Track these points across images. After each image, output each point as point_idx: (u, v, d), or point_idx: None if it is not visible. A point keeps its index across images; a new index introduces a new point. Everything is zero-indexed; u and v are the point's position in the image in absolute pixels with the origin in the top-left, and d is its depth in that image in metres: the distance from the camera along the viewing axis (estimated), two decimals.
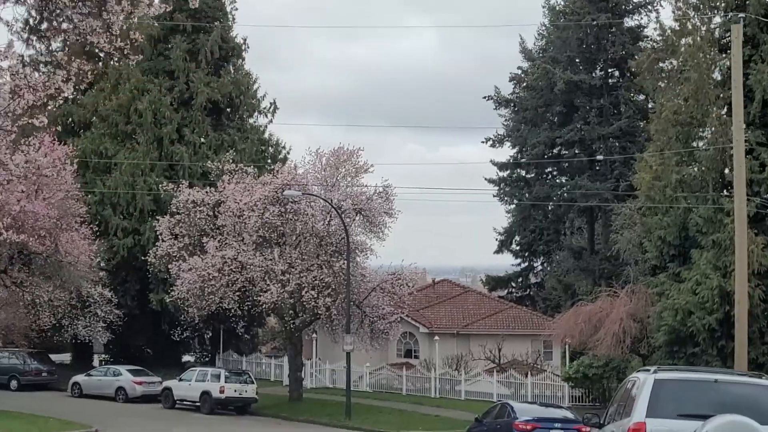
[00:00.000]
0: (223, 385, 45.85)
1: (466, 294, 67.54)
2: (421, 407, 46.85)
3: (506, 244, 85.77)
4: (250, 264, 44.49)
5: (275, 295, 43.38)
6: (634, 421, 13.98)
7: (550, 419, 26.28)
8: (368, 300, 47.14)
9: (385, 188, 47.19)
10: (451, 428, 40.38)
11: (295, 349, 48.01)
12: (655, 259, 41.50)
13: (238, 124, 62.24)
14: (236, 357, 61.69)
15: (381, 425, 41.01)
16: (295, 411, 45.70)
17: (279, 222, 44.66)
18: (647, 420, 13.95)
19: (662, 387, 14.39)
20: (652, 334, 40.91)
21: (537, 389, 48.13)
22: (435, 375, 52.90)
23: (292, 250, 45.24)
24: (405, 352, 61.72)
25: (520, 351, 55.44)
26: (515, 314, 63.29)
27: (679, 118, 39.43)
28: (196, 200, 47.09)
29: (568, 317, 45.03)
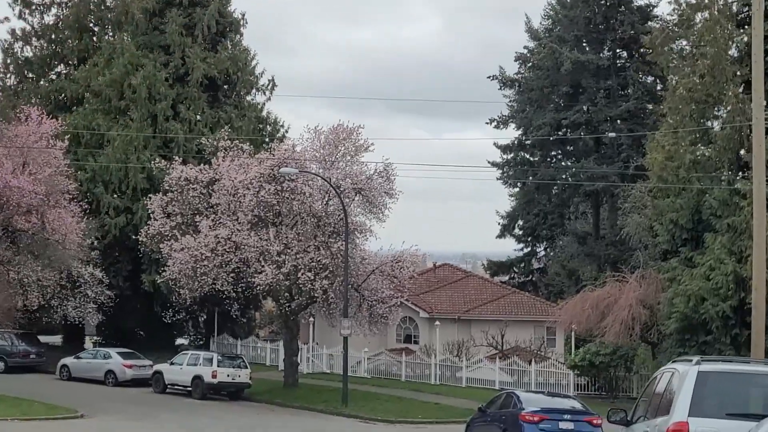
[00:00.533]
0: (215, 369, 44.22)
1: (468, 279, 65.91)
2: (421, 394, 45.25)
3: (509, 229, 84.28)
4: (244, 244, 42.81)
5: (270, 276, 41.70)
6: (674, 420, 11.90)
7: (559, 410, 24.61)
8: (367, 283, 45.45)
9: (386, 167, 45.45)
10: (452, 417, 38.73)
11: (291, 333, 46.36)
12: (667, 243, 39.82)
13: (235, 102, 60.48)
14: (231, 341, 60.10)
15: (378, 413, 39.40)
16: (290, 397, 44.09)
17: (275, 201, 42.94)
18: (690, 420, 11.88)
19: (707, 380, 12.23)
20: (663, 321, 39.28)
21: (541, 377, 46.47)
22: (435, 361, 51.29)
23: (288, 231, 43.54)
24: (404, 337, 60.19)
25: (522, 337, 53.83)
26: (518, 300, 61.68)
27: (694, 96, 37.71)
28: (190, 177, 45.37)
29: (574, 303, 43.40)
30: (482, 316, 58.64)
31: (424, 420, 38.06)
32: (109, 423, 34.83)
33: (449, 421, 37.92)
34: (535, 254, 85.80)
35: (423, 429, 36.06)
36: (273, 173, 42.93)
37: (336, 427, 36.04)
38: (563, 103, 67.00)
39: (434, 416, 38.86)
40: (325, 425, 36.33)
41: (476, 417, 27.91)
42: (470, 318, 59.30)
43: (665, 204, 39.08)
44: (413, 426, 36.98)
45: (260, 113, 60.75)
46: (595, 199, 69.08)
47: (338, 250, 42.84)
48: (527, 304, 61.01)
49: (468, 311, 59.76)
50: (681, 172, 37.78)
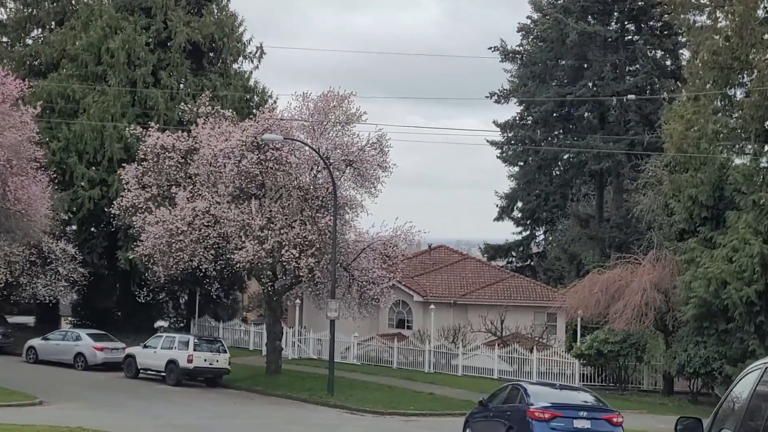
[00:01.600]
0: (191, 353, 40.84)
1: (465, 261, 62.64)
2: (413, 383, 41.91)
3: (507, 211, 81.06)
4: (224, 218, 39.36)
5: (251, 253, 38.24)
6: None
7: (574, 407, 21.20)
8: (357, 262, 42.05)
9: (379, 139, 42.01)
10: (447, 408, 35.45)
11: (274, 316, 42.95)
12: (684, 222, 36.52)
13: (221, 69, 56.98)
14: (213, 323, 56.71)
15: (367, 403, 36.05)
16: (272, 384, 40.73)
17: (258, 171, 39.43)
18: None
19: None
20: (679, 306, 36.00)
21: (543, 366, 43.17)
22: (429, 348, 47.94)
23: (272, 204, 40.09)
24: (397, 322, 56.94)
25: (522, 324, 50.42)
26: (517, 284, 58.42)
27: (718, 60, 34.29)
28: (166, 145, 41.88)
29: (581, 286, 40.03)
30: (480, 301, 55.41)
31: (417, 412, 34.73)
32: (68, 411, 31.32)
33: (444, 414, 34.63)
34: (534, 238, 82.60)
35: (415, 422, 32.70)
36: (256, 141, 39.45)
37: (318, 418, 32.67)
38: (567, 78, 63.55)
39: (428, 408, 35.56)
40: (307, 416, 32.95)
41: (476, 412, 24.53)
42: (467, 302, 56.06)
43: (684, 179, 35.70)
44: (404, 418, 33.64)
45: (247, 82, 57.18)
46: (599, 180, 65.68)
47: (326, 225, 39.42)
48: (527, 288, 57.74)
49: (465, 295, 56.55)
50: (702, 143, 34.38)
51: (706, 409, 37.40)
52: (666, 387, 39.85)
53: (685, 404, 37.87)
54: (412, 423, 32.45)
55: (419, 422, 32.74)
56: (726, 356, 35.14)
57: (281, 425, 30.08)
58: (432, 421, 33.10)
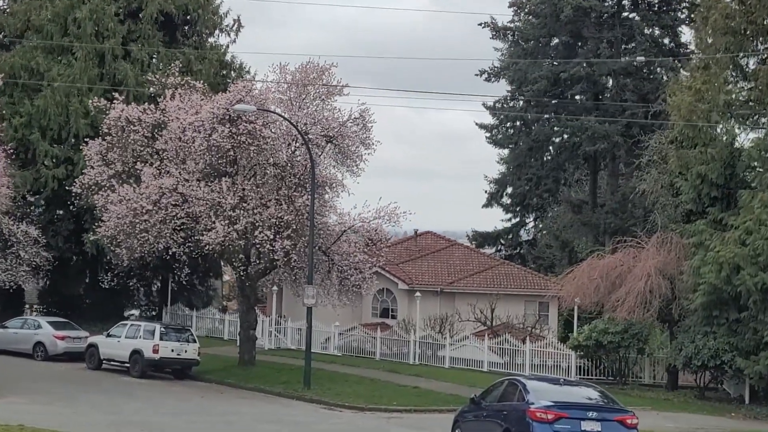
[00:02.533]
0: (157, 343, 37.77)
1: (452, 248, 59.68)
2: (397, 376, 38.98)
3: (497, 197, 78.23)
4: (192, 196, 36.31)
5: (221, 234, 35.20)
6: None
7: (581, 406, 18.23)
8: (337, 246, 39.07)
9: (362, 114, 39.02)
10: (433, 404, 32.54)
11: (248, 303, 39.92)
12: (692, 203, 33.64)
13: (195, 42, 53.76)
14: (187, 311, 53.63)
15: (346, 397, 33.10)
16: (245, 377, 37.75)
17: (229, 145, 36.37)
18: None
19: None
20: (686, 294, 33.11)
21: (537, 358, 40.29)
22: (414, 338, 44.99)
23: (245, 182, 37.02)
24: (381, 311, 54.02)
25: (513, 313, 47.43)
26: (507, 271, 55.54)
27: (730, 25, 31.34)
28: (131, 118, 38.78)
29: (580, 272, 37.10)
30: (468, 289, 52.53)
31: (400, 407, 31.78)
32: (17, 406, 28.24)
33: (430, 410, 31.73)
34: (523, 225, 79.81)
35: (398, 419, 29.74)
36: (228, 113, 36.37)
37: (292, 414, 29.68)
38: (561, 56, 60.59)
39: (412, 403, 32.62)
40: (279, 412, 29.96)
41: (467, 410, 21.60)
42: (454, 291, 53.20)
43: (692, 155, 32.81)
44: (386, 415, 30.68)
45: (223, 57, 53.96)
46: (592, 164, 62.84)
47: (303, 205, 36.43)
48: (518, 276, 54.87)
49: (452, 283, 53.68)
50: (713, 116, 31.45)
51: (715, 405, 34.63)
52: (670, 381, 36.98)
53: (691, 400, 34.99)
54: (395, 420, 29.50)
55: (402, 419, 29.80)
56: (738, 348, 32.31)
57: (248, 422, 27.10)
58: (416, 418, 30.18)
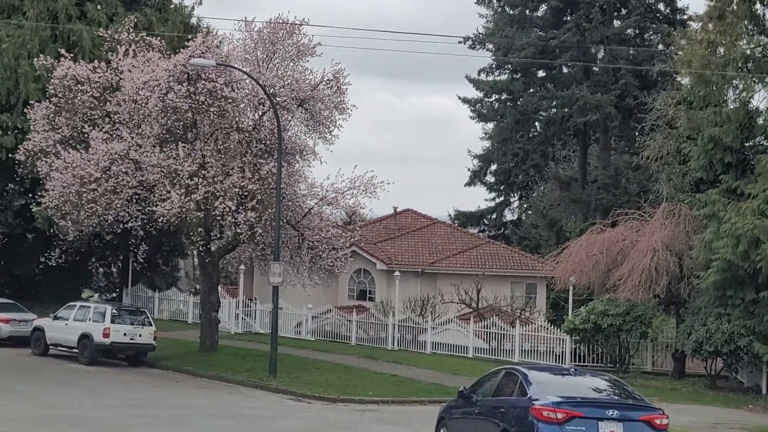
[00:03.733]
0: (107, 326, 34.02)
1: (434, 226, 56.20)
2: (374, 363, 35.42)
3: (480, 175, 74.77)
4: (146, 163, 32.55)
5: (176, 204, 31.46)
6: None
7: (598, 403, 14.59)
8: (308, 219, 35.43)
9: (335, 75, 35.34)
10: (413, 394, 29.01)
11: (210, 282, 36.21)
12: (703, 170, 30.17)
13: (158, 3, 49.79)
14: (149, 293, 49.85)
15: (316, 387, 29.50)
16: (206, 364, 34.11)
17: (187, 106, 32.58)
18: None
19: None
20: (696, 271, 29.60)
21: (527, 343, 36.84)
22: (393, 321, 41.45)
23: (205, 147, 33.28)
24: (358, 293, 50.56)
25: (499, 295, 43.81)
26: (493, 251, 52.07)
27: None
28: (80, 77, 34.95)
29: (576, 248, 33.61)
30: (451, 269, 49.11)
31: (377, 398, 28.21)
32: None
33: (410, 401, 28.21)
34: (508, 204, 76.40)
35: (374, 412, 26.16)
36: (186, 72, 32.62)
37: (253, 406, 26.05)
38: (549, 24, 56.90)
39: (390, 393, 29.06)
40: (239, 404, 26.32)
41: (455, 405, 18.01)
42: (436, 271, 49.75)
43: (703, 117, 29.23)
44: (361, 407, 27.10)
45: (188, 20, 49.97)
46: (582, 139, 59.32)
47: (269, 173, 32.76)
48: (504, 256, 51.43)
49: (434, 263, 50.23)
50: (729, 70, 27.88)
51: (729, 396, 31.10)
52: (677, 369, 33.43)
53: (701, 390, 31.48)
54: (370, 413, 25.92)
55: (379, 412, 26.23)
56: (755, 332, 28.89)
57: (199, 417, 23.45)
58: (395, 411, 26.62)
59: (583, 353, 35.53)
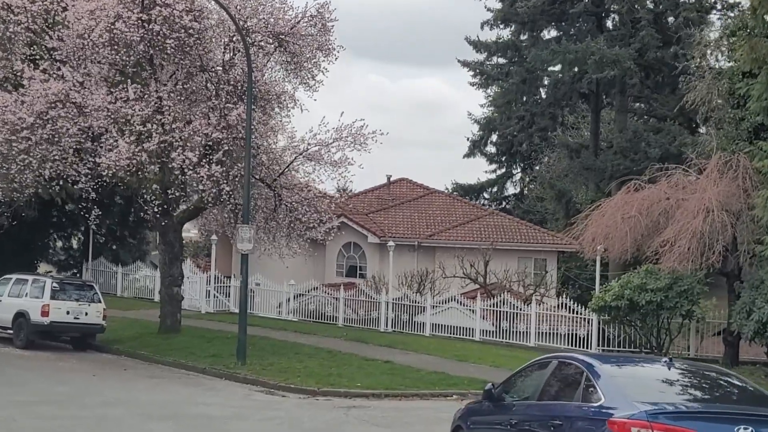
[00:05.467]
0: (47, 303, 28.56)
1: (432, 196, 50.82)
2: (364, 347, 30.02)
3: (480, 145, 69.23)
4: (90, 107, 26.97)
5: (124, 154, 25.90)
6: None
7: (721, 414, 9.09)
8: (286, 177, 29.94)
9: (319, 11, 29.83)
10: (412, 386, 23.57)
11: (171, 252, 30.68)
12: (765, 113, 24.52)
13: None
14: (112, 268, 44.34)
15: (293, 376, 24.06)
16: (164, 347, 28.67)
17: (138, 37, 26.98)
18: None
19: None
20: (759, 236, 24.14)
21: (545, 324, 31.40)
22: (386, 299, 36.01)
23: (161, 88, 27.69)
24: (348, 269, 45.24)
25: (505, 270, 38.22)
26: (497, 223, 46.73)
27: None
28: (12, 4, 29.26)
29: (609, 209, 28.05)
30: (451, 242, 43.76)
31: (366, 390, 22.76)
32: None
33: (407, 394, 22.75)
34: (510, 177, 70.97)
35: (362, 409, 20.69)
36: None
37: (208, 403, 20.54)
38: None
39: (383, 384, 23.60)
40: (192, 400, 20.82)
41: (480, 410, 12.39)
42: (435, 244, 44.43)
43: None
44: (346, 401, 21.68)
45: None
46: (595, 101, 53.75)
47: (238, 119, 27.22)
48: (510, 228, 46.04)
49: (432, 236, 44.90)
50: None
51: None
52: (728, 354, 27.86)
53: (763, 380, 25.94)
54: (358, 411, 20.44)
55: (369, 409, 20.76)
56: None
57: (133, 417, 17.94)
58: (389, 407, 21.16)
59: (612, 336, 30.04)
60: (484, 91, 66.36)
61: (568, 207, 55.93)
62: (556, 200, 56.78)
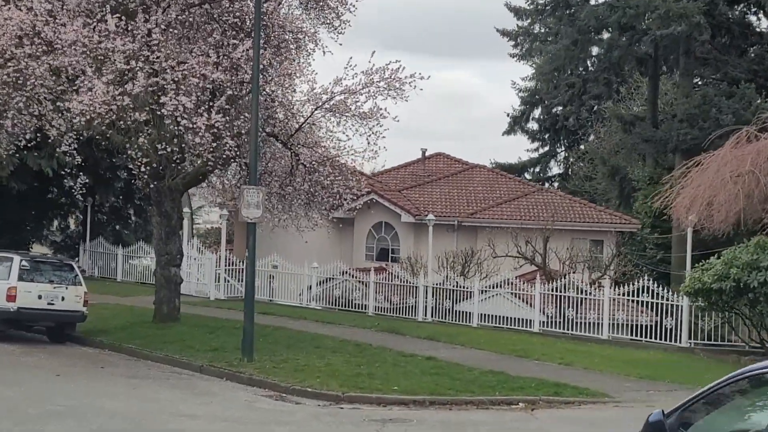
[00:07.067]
0: (13, 285, 23.38)
1: (472, 171, 45.48)
2: (399, 339, 24.77)
3: (520, 121, 64.02)
4: (64, 42, 21.74)
5: (100, 97, 20.62)
6: None
7: None
8: (305, 134, 24.62)
9: None
10: (466, 390, 18.20)
11: (168, 225, 25.43)
12: None
13: None
14: (112, 249, 39.20)
15: (310, 377, 18.74)
16: (158, 339, 23.46)
17: None
18: None
19: None
20: None
21: (622, 311, 25.92)
22: (425, 282, 30.59)
23: (149, 20, 22.37)
24: (378, 252, 40.07)
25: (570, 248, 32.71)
26: (547, 200, 41.42)
27: None
28: None
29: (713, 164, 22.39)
30: (495, 221, 38.29)
31: (405, 395, 17.43)
32: None
33: (459, 401, 17.42)
34: (554, 155, 65.64)
35: (403, 426, 15.30)
36: None
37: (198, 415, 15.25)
38: None
39: (427, 387, 18.21)
40: (174, 410, 15.51)
41: None
42: (477, 223, 39.07)
43: None
44: (380, 411, 16.38)
45: None
46: (653, 67, 48.11)
47: (245, 58, 21.91)
48: (562, 206, 40.55)
49: (473, 214, 39.60)
50: None
51: None
52: None
53: None
54: (395, 425, 15.09)
55: (411, 424, 15.38)
56: None
57: None
58: (438, 421, 15.78)
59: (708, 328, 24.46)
60: (525, 63, 61.03)
61: (622, 185, 50.61)
62: (609, 178, 51.44)
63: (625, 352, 23.93)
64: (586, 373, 20.67)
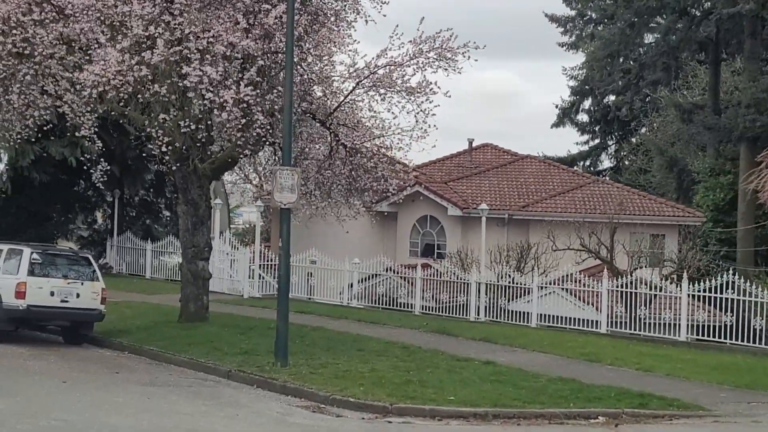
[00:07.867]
0: (23, 280, 21.06)
1: (522, 162, 42.86)
2: (452, 341, 22.22)
3: (569, 113, 61.26)
4: (76, 5, 19.38)
5: (114, 66, 18.21)
6: None
7: None
8: (345, 113, 22.09)
9: None
10: (535, 401, 15.63)
11: (195, 214, 22.98)
12: None
13: None
14: (139, 243, 36.92)
15: (351, 385, 16.22)
16: (182, 341, 21.05)
17: None
18: None
19: None
20: None
21: (702, 310, 23.14)
22: (477, 278, 27.93)
23: None
24: (423, 247, 37.58)
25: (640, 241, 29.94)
26: (604, 192, 38.73)
27: None
28: None
29: None
30: (549, 214, 35.75)
31: (464, 407, 14.86)
32: None
33: (528, 414, 14.78)
34: (605, 148, 62.79)
35: None
36: None
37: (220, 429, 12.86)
38: None
39: (489, 398, 15.60)
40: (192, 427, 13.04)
41: None
42: (529, 217, 36.53)
43: None
44: (437, 426, 13.89)
45: None
46: (714, 52, 45.21)
47: (277, 24, 19.41)
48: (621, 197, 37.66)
49: (525, 207, 37.03)
50: None
51: None
52: None
53: None
54: None
55: None
56: None
57: None
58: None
59: None
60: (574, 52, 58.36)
61: (681, 177, 47.85)
62: (666, 170, 48.70)
63: (708, 356, 21.19)
64: (670, 380, 17.98)
